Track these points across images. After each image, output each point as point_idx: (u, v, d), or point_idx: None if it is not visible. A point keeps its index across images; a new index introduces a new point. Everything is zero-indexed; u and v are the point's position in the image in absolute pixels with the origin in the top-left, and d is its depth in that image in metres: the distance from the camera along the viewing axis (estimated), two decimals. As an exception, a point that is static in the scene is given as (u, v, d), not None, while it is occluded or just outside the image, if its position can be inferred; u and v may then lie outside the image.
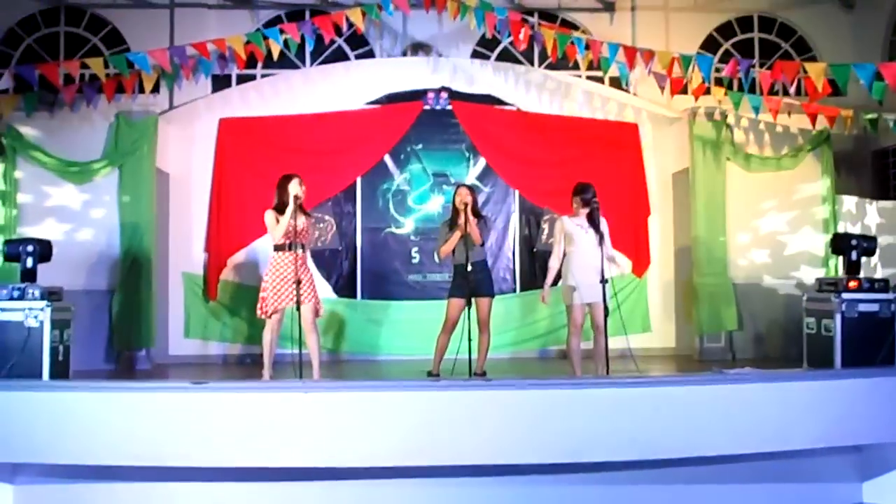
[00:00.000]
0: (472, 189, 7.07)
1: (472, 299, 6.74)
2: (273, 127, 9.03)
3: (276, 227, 6.22)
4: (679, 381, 4.37)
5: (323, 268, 8.99)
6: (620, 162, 9.29)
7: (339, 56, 9.72)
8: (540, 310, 8.96)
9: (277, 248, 6.29)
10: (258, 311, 6.34)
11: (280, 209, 6.28)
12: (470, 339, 6.50)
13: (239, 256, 8.92)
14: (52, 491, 4.24)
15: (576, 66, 9.11)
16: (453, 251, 6.88)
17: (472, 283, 6.69)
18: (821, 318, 6.70)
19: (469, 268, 6.62)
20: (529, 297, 9.08)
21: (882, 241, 8.06)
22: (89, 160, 8.39)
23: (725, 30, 10.19)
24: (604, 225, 6.27)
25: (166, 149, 8.79)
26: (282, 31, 8.36)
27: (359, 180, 9.18)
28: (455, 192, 6.93)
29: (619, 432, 4.00)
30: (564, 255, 6.34)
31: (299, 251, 6.20)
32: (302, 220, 6.30)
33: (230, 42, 8.26)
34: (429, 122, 9.20)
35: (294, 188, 6.25)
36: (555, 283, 6.54)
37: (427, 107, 9.16)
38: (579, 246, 6.20)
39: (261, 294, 6.33)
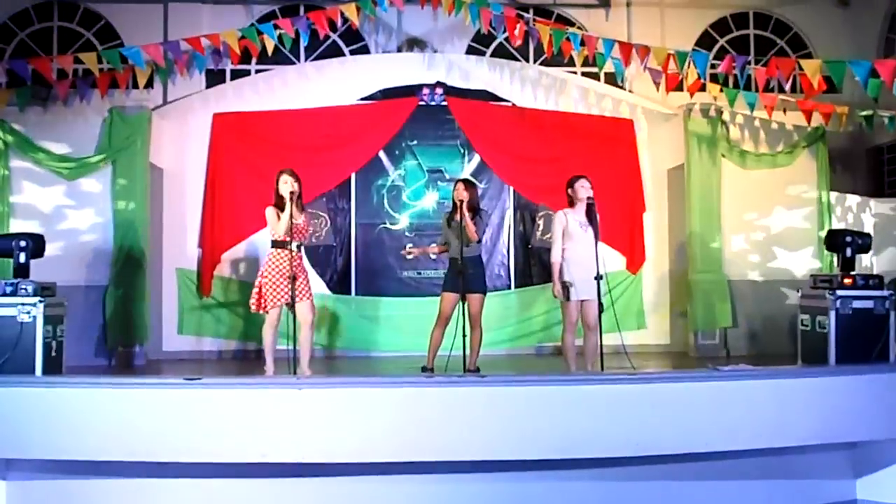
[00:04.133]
0: (471, 184, 6.97)
1: (464, 295, 6.73)
2: (267, 122, 9.00)
3: (278, 223, 6.24)
4: (673, 377, 4.37)
5: (317, 264, 8.98)
6: (616, 158, 9.30)
7: (334, 51, 9.71)
8: (535, 306, 8.99)
9: (276, 244, 6.31)
10: (252, 306, 6.38)
11: (279, 205, 6.29)
12: (465, 336, 6.49)
13: (233, 252, 8.90)
14: (45, 487, 4.21)
15: (571, 63, 9.10)
16: (448, 245, 6.87)
17: (465, 278, 6.67)
18: (815, 315, 6.69)
19: (460, 262, 6.61)
20: (524, 294, 9.11)
21: (876, 237, 8.08)
22: (83, 155, 8.36)
23: (721, 26, 10.19)
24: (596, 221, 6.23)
25: (160, 144, 8.74)
26: (276, 27, 8.33)
27: (353, 176, 9.16)
28: (454, 188, 6.91)
29: (614, 429, 3.99)
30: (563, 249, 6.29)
31: (294, 248, 6.24)
32: (301, 218, 6.34)
33: (224, 37, 8.22)
34: (424, 118, 9.18)
35: (285, 184, 6.26)
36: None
37: (422, 102, 9.15)
38: (577, 242, 6.15)
39: (254, 289, 6.36)
